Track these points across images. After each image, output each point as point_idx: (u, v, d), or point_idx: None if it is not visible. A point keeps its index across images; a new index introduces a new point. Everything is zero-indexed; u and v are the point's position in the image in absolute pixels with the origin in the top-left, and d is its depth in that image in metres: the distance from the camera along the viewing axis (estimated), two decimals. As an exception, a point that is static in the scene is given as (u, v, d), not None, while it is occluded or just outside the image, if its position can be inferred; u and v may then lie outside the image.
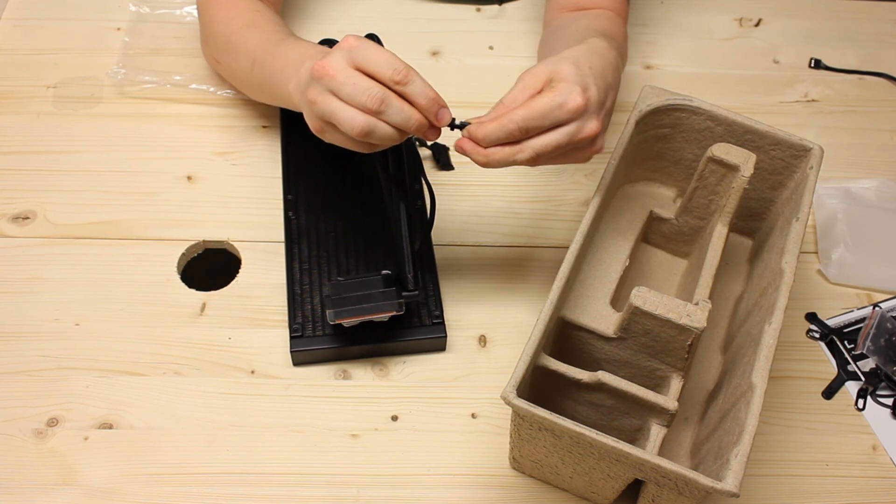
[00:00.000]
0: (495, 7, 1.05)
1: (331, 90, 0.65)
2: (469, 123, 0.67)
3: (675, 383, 0.70)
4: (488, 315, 0.81)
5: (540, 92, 0.67)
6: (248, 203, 0.87)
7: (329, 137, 0.68)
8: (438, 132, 0.67)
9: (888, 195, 0.91)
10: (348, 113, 0.64)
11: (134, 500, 0.70)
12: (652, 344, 0.69)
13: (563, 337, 0.73)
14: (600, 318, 0.72)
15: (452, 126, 0.67)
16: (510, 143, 0.66)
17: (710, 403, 0.73)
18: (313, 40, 0.81)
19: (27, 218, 0.85)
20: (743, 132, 0.77)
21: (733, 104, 0.88)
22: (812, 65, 1.03)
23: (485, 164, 0.67)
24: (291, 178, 0.86)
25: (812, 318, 0.83)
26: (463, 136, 0.67)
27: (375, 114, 0.64)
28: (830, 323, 0.83)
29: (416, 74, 0.64)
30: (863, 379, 0.80)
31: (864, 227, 0.87)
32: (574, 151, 0.69)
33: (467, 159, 0.67)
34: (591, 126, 0.67)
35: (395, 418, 0.75)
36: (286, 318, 0.79)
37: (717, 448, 0.64)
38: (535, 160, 0.67)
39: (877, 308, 0.83)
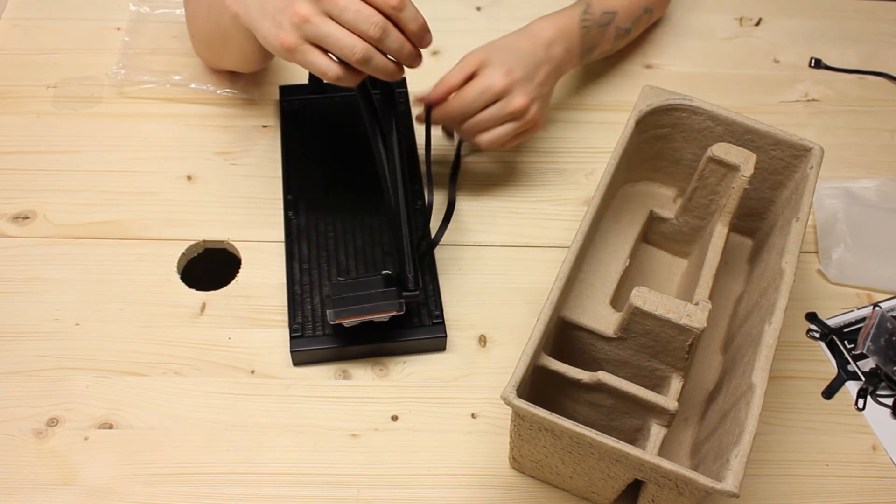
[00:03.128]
0: (495, 7, 1.05)
1: (329, 13, 0.64)
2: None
3: (675, 383, 0.70)
4: (488, 315, 0.81)
5: (474, 74, 0.81)
6: (248, 203, 0.87)
7: (302, 59, 0.67)
8: (420, 58, 0.69)
9: (888, 195, 0.91)
10: (347, 38, 0.64)
11: (134, 500, 0.70)
12: (652, 344, 0.69)
13: (563, 337, 0.73)
14: (600, 318, 0.72)
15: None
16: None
17: (710, 403, 0.73)
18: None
19: (27, 218, 0.85)
20: (743, 132, 0.77)
21: (733, 104, 0.88)
22: (812, 64, 1.03)
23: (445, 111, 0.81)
24: (291, 178, 0.86)
25: (812, 317, 0.83)
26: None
27: (375, 41, 0.65)
28: (830, 323, 0.83)
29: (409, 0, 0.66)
30: (863, 379, 0.80)
31: (864, 227, 0.87)
32: (512, 124, 0.81)
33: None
34: (517, 101, 0.80)
35: (395, 418, 0.75)
36: (286, 318, 0.79)
37: (717, 448, 0.64)
38: (480, 140, 0.82)
39: (877, 308, 0.83)
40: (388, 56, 0.67)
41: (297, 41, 0.66)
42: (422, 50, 0.69)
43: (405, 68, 0.69)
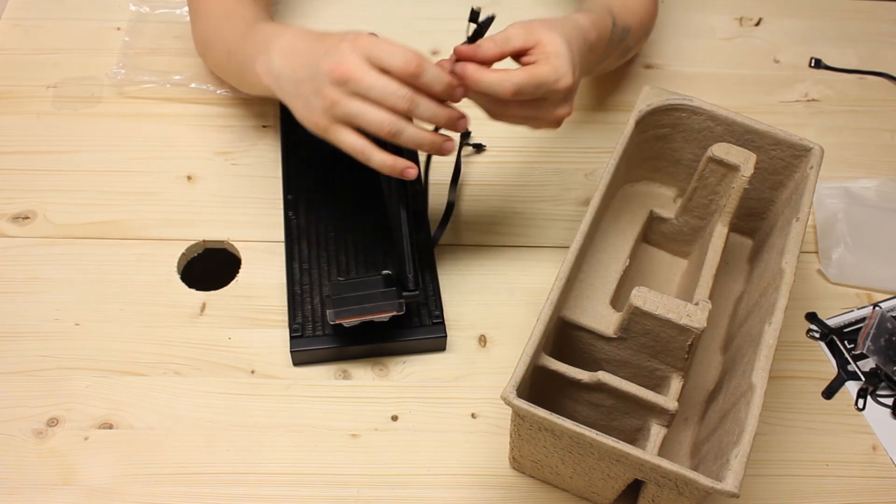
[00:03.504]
0: (495, 7, 1.05)
1: (357, 93, 0.65)
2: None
3: (675, 383, 0.70)
4: (488, 315, 0.81)
5: (525, 52, 0.69)
6: (248, 203, 0.87)
7: (335, 138, 0.68)
8: (465, 120, 0.68)
9: (888, 195, 0.91)
10: (375, 115, 0.65)
11: (134, 500, 0.70)
12: (652, 344, 0.69)
13: (563, 337, 0.73)
14: (600, 318, 0.72)
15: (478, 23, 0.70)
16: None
17: (710, 403, 0.73)
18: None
19: (27, 218, 0.85)
20: (743, 132, 0.77)
21: (733, 104, 0.88)
22: (812, 64, 1.03)
23: (474, 83, 0.68)
24: (291, 178, 0.86)
25: (812, 317, 0.83)
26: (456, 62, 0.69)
27: (406, 113, 0.65)
28: (830, 323, 0.83)
29: (428, 62, 0.65)
30: (863, 379, 0.80)
31: (864, 227, 0.87)
32: (536, 121, 0.73)
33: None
34: (566, 109, 0.72)
35: (395, 418, 0.75)
36: (286, 318, 0.79)
37: (717, 448, 0.64)
38: (503, 111, 0.70)
39: (877, 308, 0.83)
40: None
41: (329, 122, 0.67)
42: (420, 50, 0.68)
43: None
